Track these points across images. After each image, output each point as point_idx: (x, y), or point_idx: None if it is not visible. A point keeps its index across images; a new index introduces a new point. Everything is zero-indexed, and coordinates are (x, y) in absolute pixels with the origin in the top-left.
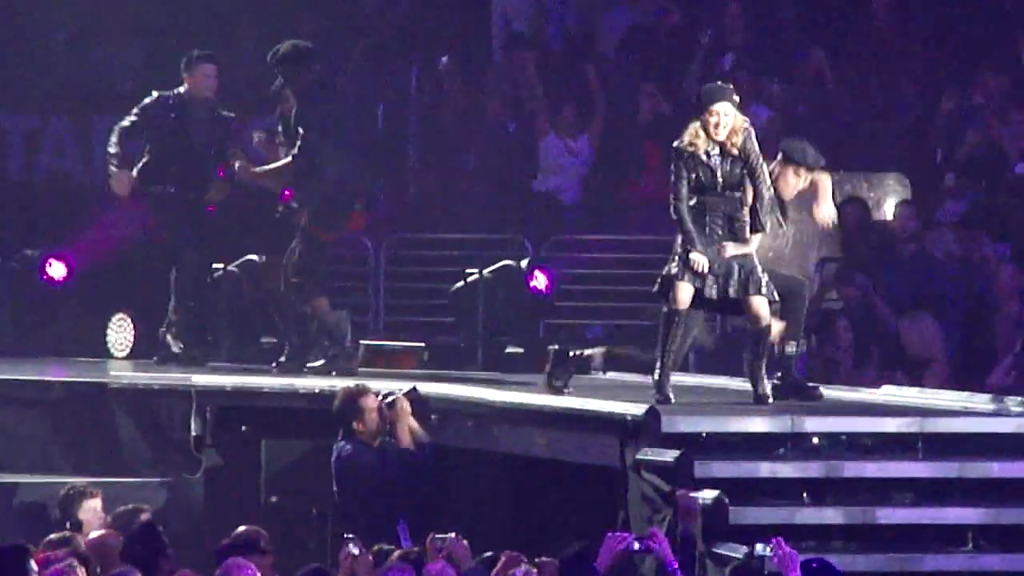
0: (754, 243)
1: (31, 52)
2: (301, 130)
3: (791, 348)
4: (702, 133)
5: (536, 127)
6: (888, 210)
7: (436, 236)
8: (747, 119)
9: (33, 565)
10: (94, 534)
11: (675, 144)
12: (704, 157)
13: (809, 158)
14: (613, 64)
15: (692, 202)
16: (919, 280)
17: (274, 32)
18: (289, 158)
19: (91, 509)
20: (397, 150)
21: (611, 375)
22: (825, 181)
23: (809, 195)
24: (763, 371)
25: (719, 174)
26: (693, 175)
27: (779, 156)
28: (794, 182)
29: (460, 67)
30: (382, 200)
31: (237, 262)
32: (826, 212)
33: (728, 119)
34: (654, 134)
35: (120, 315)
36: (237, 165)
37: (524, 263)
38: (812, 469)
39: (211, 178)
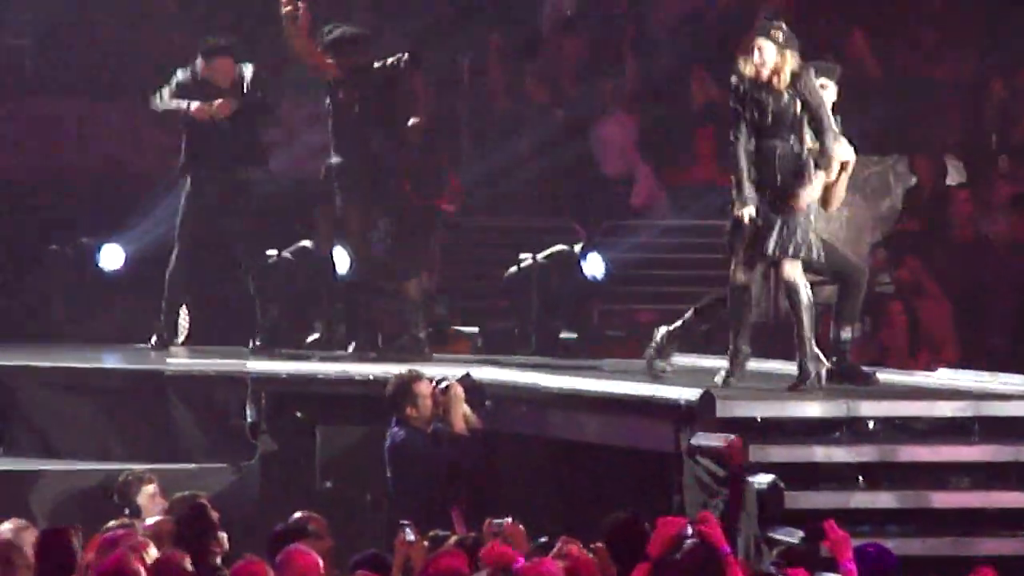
0: (812, 191)
1: (82, 38)
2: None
3: (846, 333)
4: (744, 67)
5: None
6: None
7: (489, 222)
8: (801, 62)
9: (76, 545)
10: (151, 520)
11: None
12: (755, 94)
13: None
14: (663, 49)
15: (751, 147)
16: (973, 264)
17: (325, 15)
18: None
19: (149, 495)
20: (448, 135)
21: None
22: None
23: (861, 178)
24: (806, 347)
25: (768, 114)
26: (748, 115)
27: None
28: None
29: (509, 51)
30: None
31: (291, 248)
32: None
33: (768, 55)
34: (705, 119)
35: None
36: None
37: (578, 248)
38: (867, 453)
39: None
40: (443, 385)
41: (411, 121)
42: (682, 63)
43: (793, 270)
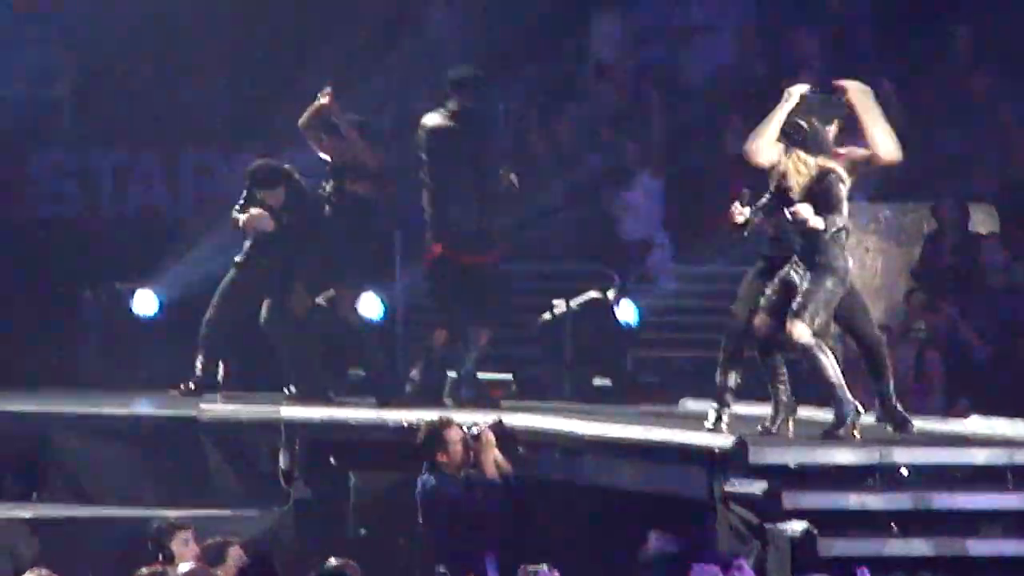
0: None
1: (120, 88)
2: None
3: (880, 385)
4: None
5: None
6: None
7: (523, 267)
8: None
9: None
10: (184, 567)
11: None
12: None
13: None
14: (698, 99)
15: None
16: (1008, 312)
17: (357, 65)
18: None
19: (183, 541)
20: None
21: (696, 405)
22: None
23: (896, 225)
24: (836, 394)
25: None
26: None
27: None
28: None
29: (548, 97)
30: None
31: (324, 295)
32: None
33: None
34: (740, 168)
35: None
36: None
37: (611, 294)
38: (901, 500)
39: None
40: (474, 431)
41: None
42: (715, 112)
43: (802, 332)
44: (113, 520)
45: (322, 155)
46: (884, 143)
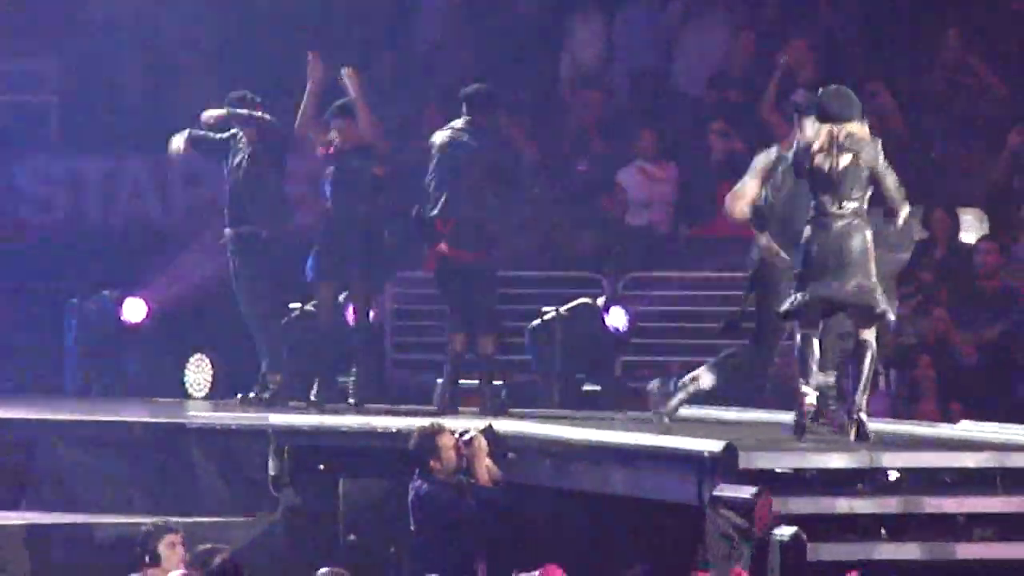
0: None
1: (107, 94)
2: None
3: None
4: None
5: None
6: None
7: (513, 273)
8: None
9: None
10: (172, 574)
11: None
12: None
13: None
14: (687, 102)
15: None
16: (998, 317)
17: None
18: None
19: (170, 544)
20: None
21: (686, 410)
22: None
23: (887, 230)
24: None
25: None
26: None
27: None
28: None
29: (530, 106)
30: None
31: (314, 302)
32: None
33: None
34: (728, 172)
35: (199, 355)
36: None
37: (601, 301)
38: (890, 505)
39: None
40: (467, 438)
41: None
42: (703, 117)
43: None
44: (101, 527)
45: (321, 149)
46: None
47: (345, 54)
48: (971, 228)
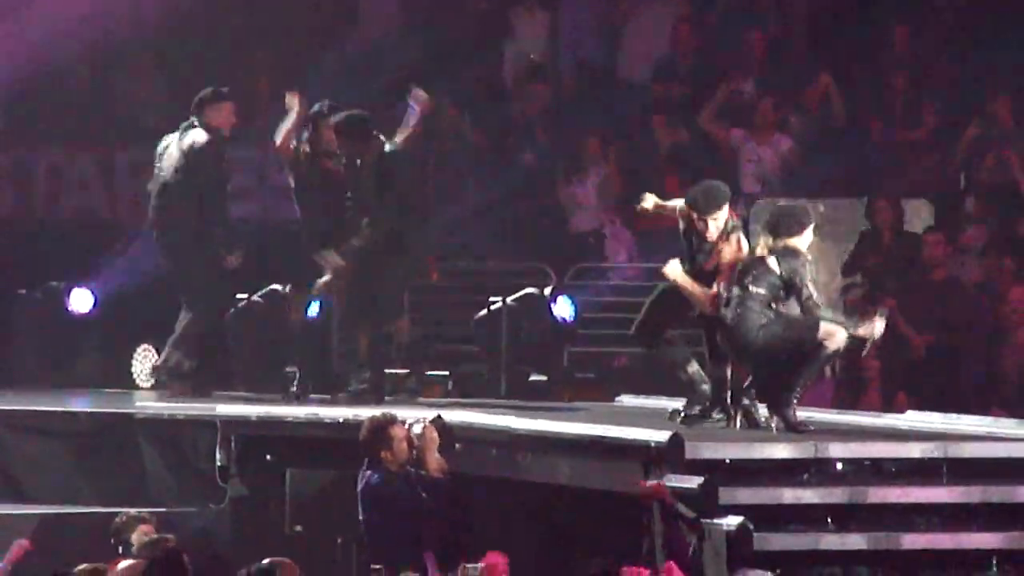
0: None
1: (53, 88)
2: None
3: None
4: None
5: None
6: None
7: (459, 265)
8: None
9: None
10: (121, 565)
11: None
12: None
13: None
14: (633, 94)
15: None
16: (945, 306)
17: (293, 65)
18: None
19: (143, 534)
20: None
21: (633, 401)
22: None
23: (832, 221)
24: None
25: None
26: None
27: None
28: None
29: (475, 100)
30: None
31: (261, 292)
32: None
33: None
34: (674, 163)
35: (145, 346)
36: None
37: (548, 291)
38: (836, 495)
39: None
40: (418, 428)
41: None
42: (650, 109)
43: None
44: (49, 518)
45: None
46: None
47: (291, 49)
48: (917, 219)
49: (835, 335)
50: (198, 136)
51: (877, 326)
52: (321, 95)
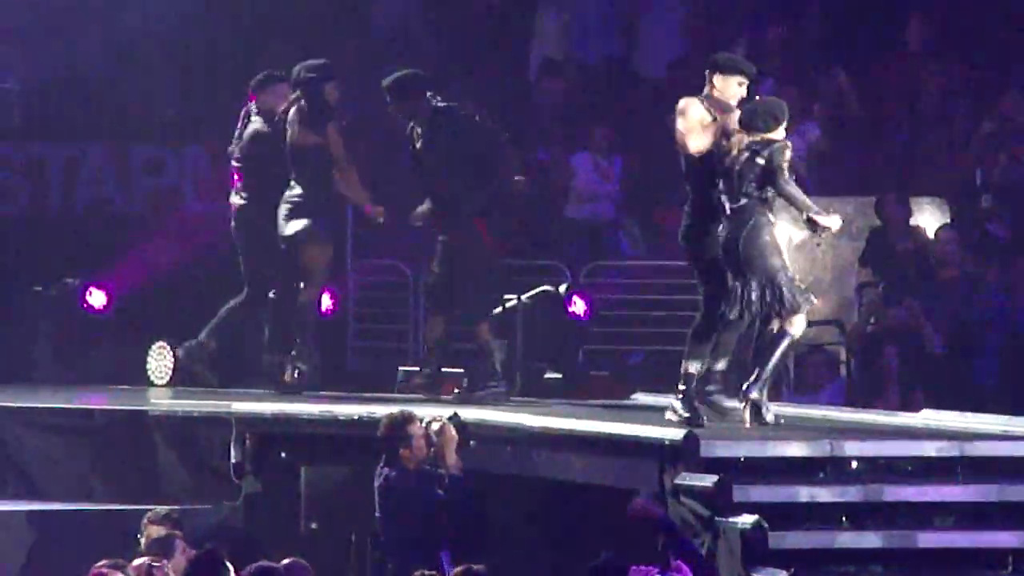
0: None
1: (68, 81)
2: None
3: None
4: None
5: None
6: (929, 234)
7: None
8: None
9: None
10: (137, 561)
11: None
12: None
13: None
14: (648, 91)
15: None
16: (960, 305)
17: (306, 56)
18: None
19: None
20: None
21: (648, 398)
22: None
23: (845, 220)
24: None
25: None
26: None
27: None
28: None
29: (495, 94)
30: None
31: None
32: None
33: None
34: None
35: (160, 343)
36: None
37: (562, 289)
38: (851, 493)
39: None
40: (436, 426)
41: None
42: (667, 105)
43: None
44: (63, 515)
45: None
46: None
47: (303, 39)
48: (931, 217)
49: (796, 320)
50: (256, 123)
51: (834, 217)
52: (337, 87)
